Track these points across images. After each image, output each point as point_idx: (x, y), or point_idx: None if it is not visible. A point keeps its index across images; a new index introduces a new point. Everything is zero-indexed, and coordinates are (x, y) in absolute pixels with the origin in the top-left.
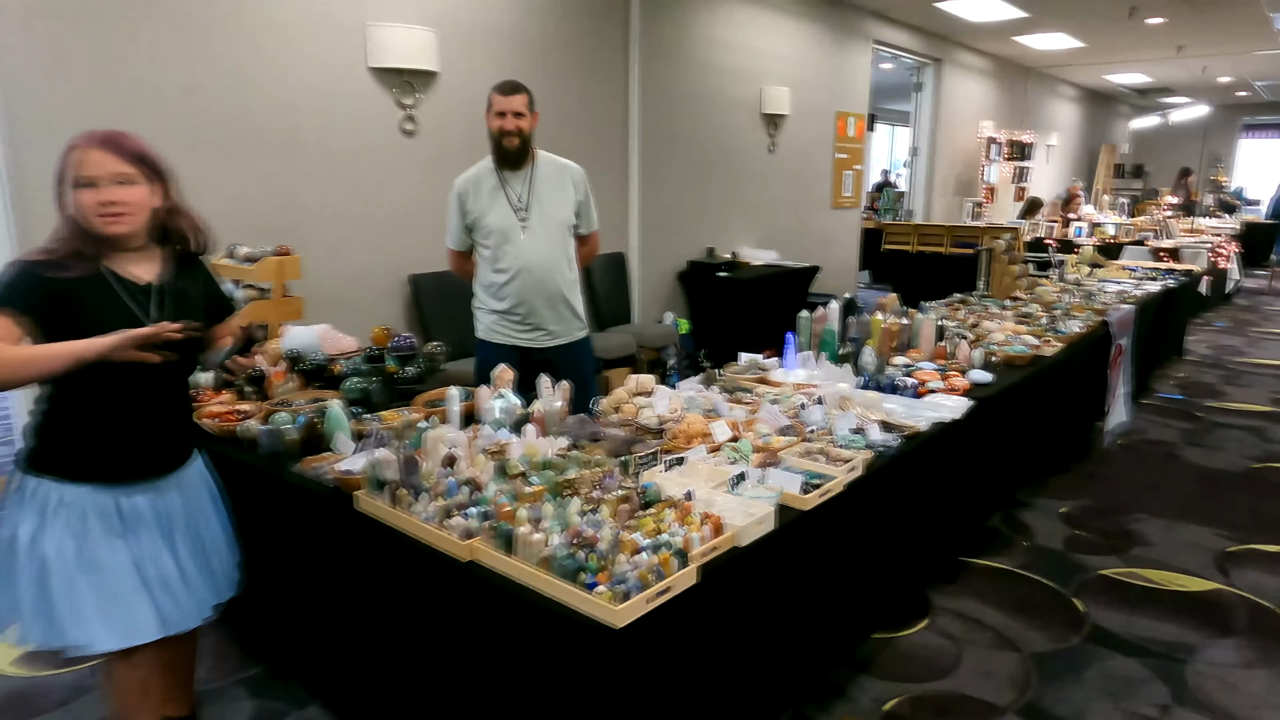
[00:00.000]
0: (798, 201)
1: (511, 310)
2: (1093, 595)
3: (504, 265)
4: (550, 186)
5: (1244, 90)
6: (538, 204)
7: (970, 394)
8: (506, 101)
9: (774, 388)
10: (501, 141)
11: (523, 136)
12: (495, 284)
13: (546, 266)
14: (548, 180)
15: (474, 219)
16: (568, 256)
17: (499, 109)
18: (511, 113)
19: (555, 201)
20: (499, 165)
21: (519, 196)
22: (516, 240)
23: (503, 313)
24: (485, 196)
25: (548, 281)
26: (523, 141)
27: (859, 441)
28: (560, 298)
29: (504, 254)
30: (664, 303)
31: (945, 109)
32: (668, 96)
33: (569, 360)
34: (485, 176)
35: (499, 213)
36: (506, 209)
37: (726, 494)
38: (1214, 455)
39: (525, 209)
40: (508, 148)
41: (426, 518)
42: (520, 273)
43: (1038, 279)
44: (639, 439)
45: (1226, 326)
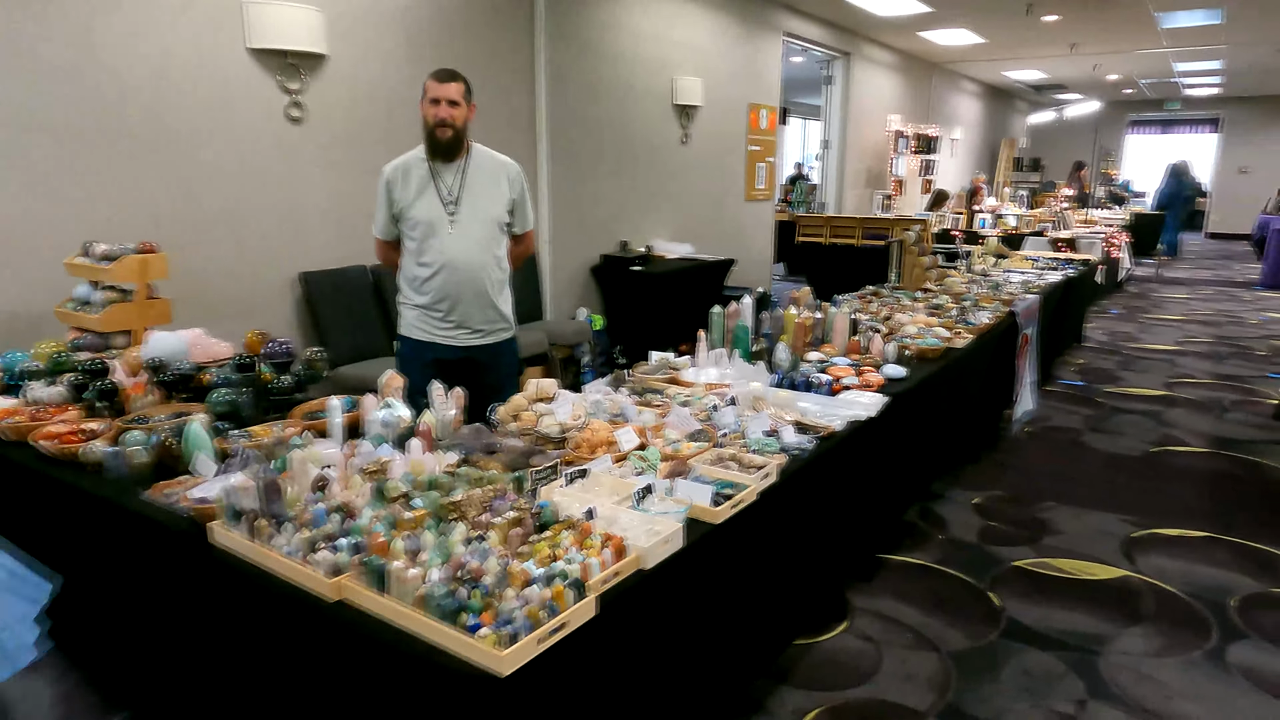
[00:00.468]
0: (712, 194)
1: (434, 306)
2: (1007, 588)
3: (428, 259)
4: (484, 181)
5: (1130, 88)
6: (469, 198)
7: (885, 390)
8: (441, 89)
9: (685, 388)
10: (435, 131)
11: (456, 127)
12: (418, 278)
13: (473, 264)
14: (481, 175)
15: (400, 208)
16: (496, 255)
17: (432, 96)
18: (446, 101)
19: (488, 197)
20: (431, 155)
21: (450, 189)
22: (443, 234)
23: (425, 308)
24: (414, 186)
25: (473, 279)
26: (456, 133)
27: (773, 445)
28: (485, 296)
29: (429, 247)
30: (577, 298)
31: (855, 103)
32: (577, 85)
33: (491, 360)
34: (416, 165)
35: (427, 204)
36: (435, 201)
37: (631, 510)
38: (1115, 440)
39: (455, 203)
40: (440, 138)
41: (289, 552)
42: (444, 268)
43: (946, 270)
44: (538, 450)
45: (1120, 314)
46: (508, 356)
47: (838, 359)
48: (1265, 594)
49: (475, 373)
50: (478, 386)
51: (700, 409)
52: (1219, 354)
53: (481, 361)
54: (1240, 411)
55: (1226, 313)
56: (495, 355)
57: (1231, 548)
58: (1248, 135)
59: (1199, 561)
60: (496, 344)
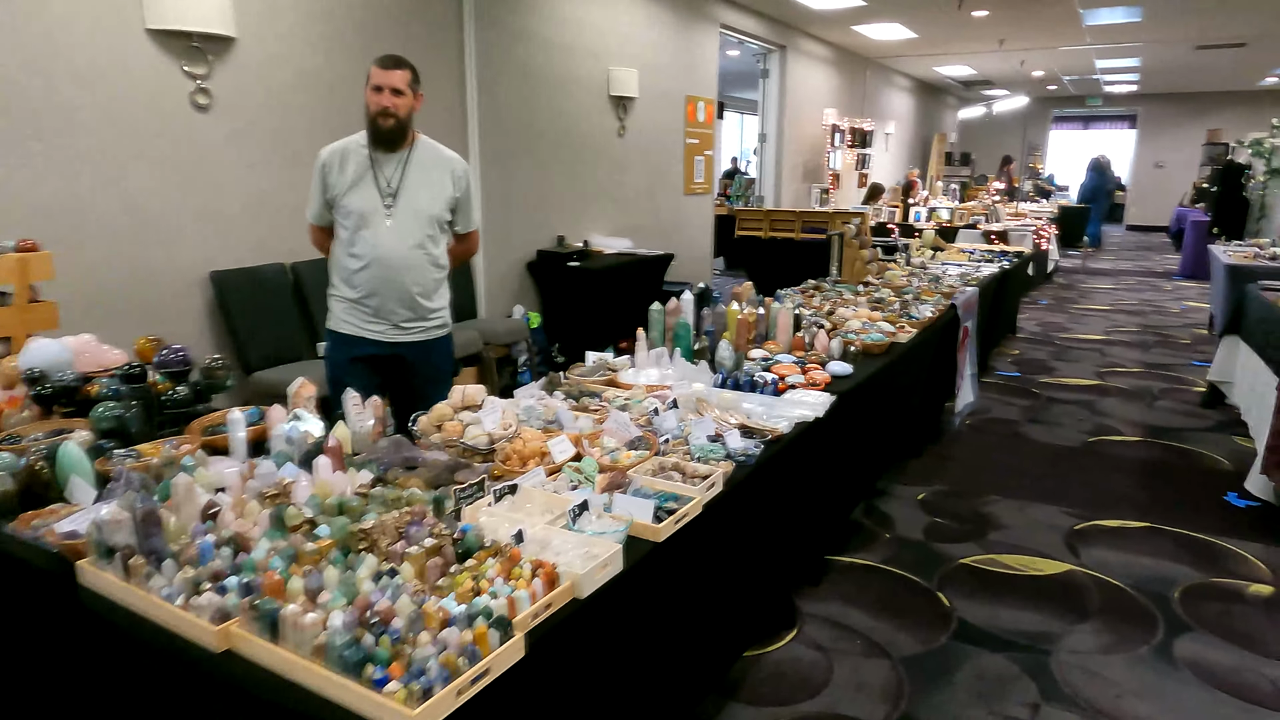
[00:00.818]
0: (650, 188)
1: (363, 300)
2: (956, 587)
3: (359, 251)
4: (426, 176)
5: (1054, 84)
6: (408, 192)
7: (831, 388)
8: (384, 76)
9: (624, 391)
10: (376, 120)
11: (399, 117)
12: (348, 269)
13: (404, 260)
14: (424, 169)
15: (334, 195)
16: (431, 253)
17: (375, 83)
18: (389, 89)
19: (429, 192)
20: (373, 144)
21: (389, 181)
22: (377, 226)
23: (354, 301)
24: (351, 173)
25: (403, 276)
26: (399, 122)
27: (718, 452)
28: (415, 295)
29: (360, 239)
30: (512, 295)
31: (791, 96)
32: (509, 75)
33: (422, 359)
34: (355, 152)
35: (363, 194)
36: (372, 191)
37: (566, 530)
38: (1053, 431)
39: (394, 195)
40: (381, 127)
41: (169, 594)
42: (374, 262)
43: (886, 263)
44: (464, 464)
45: (1050, 304)
46: (440, 356)
47: (782, 356)
48: (1205, 584)
49: (406, 371)
50: (409, 386)
51: (640, 413)
52: (1145, 343)
53: (411, 360)
54: (1169, 399)
55: (1150, 302)
56: (426, 354)
57: (1171, 538)
58: (1162, 131)
59: (1140, 553)
60: (428, 342)
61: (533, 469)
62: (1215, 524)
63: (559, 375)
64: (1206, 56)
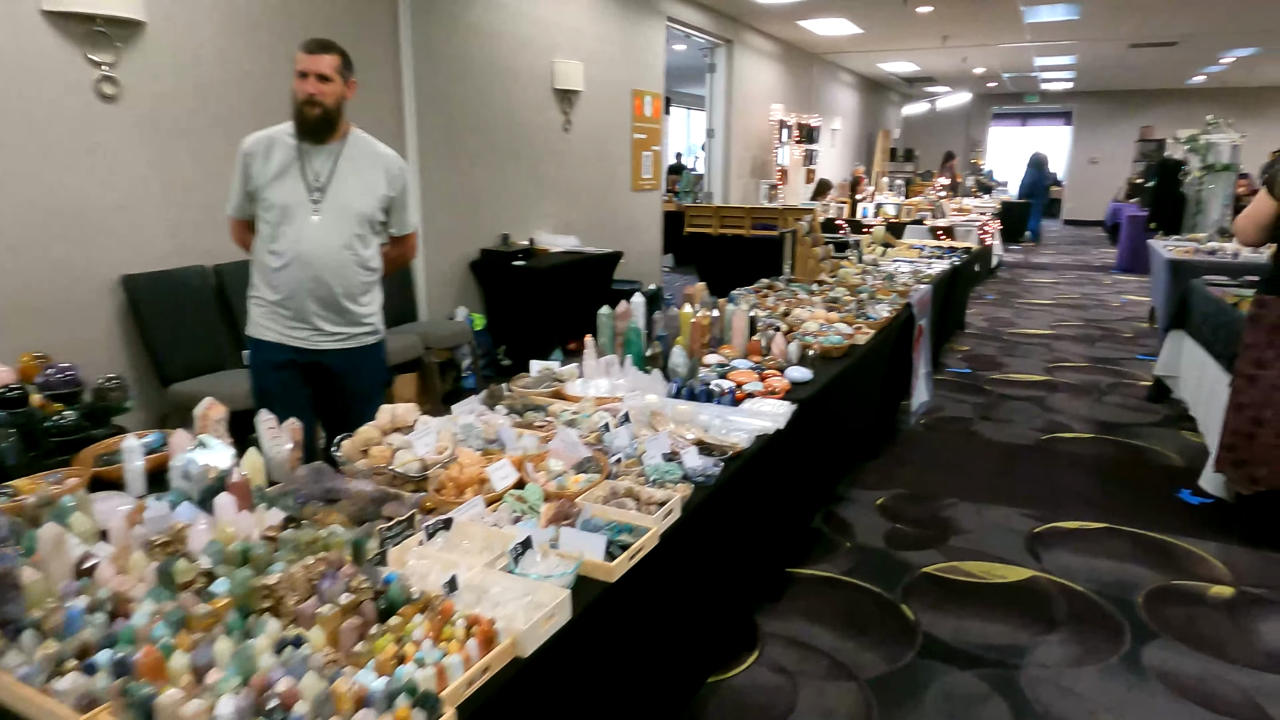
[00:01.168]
0: (597, 184)
1: (283, 302)
2: (919, 598)
3: (280, 247)
4: (359, 171)
5: (994, 81)
6: (338, 187)
7: (790, 395)
8: (310, 61)
9: (572, 404)
10: (302, 109)
11: (326, 106)
12: (269, 268)
13: (330, 261)
14: (357, 164)
15: (257, 186)
16: (360, 254)
17: (301, 69)
18: (315, 75)
19: (360, 189)
20: (300, 135)
21: (318, 175)
22: (302, 222)
23: (275, 304)
24: (276, 164)
25: (327, 278)
26: (326, 112)
27: (674, 472)
28: (339, 297)
29: (282, 234)
30: (455, 297)
31: (738, 91)
32: (449, 66)
33: (350, 368)
34: (281, 141)
35: (289, 187)
36: (299, 185)
37: (507, 573)
38: (1005, 429)
39: (321, 190)
40: (308, 116)
41: (26, 675)
42: (296, 260)
43: (839, 261)
44: (392, 495)
45: (996, 299)
46: (371, 365)
47: (738, 362)
48: (1167, 588)
49: (331, 382)
50: (337, 398)
51: (590, 429)
52: (1090, 337)
53: (337, 370)
54: (1116, 394)
55: (1091, 296)
56: (353, 364)
57: (1129, 538)
58: (1096, 128)
59: (1101, 555)
60: (355, 350)
61: (470, 499)
62: (1172, 523)
63: (501, 388)
64: (1139, 55)
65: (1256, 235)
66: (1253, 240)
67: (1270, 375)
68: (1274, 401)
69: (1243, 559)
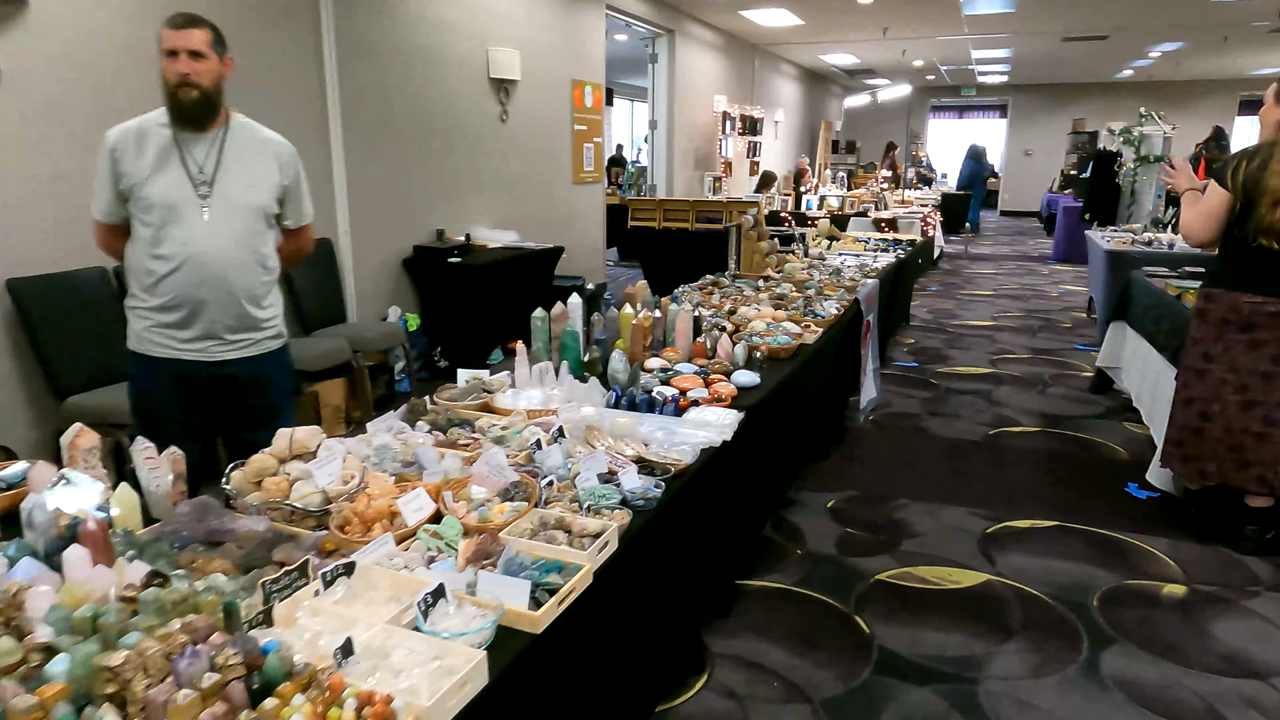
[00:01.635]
0: (537, 177)
1: (172, 309)
2: (873, 608)
3: (167, 251)
4: (247, 160)
5: (932, 74)
6: (226, 179)
7: (737, 402)
8: (179, 37)
9: (501, 418)
10: (176, 92)
11: (203, 87)
12: (153, 274)
13: (227, 259)
14: (245, 152)
15: (131, 184)
16: (259, 251)
17: (169, 46)
18: (186, 52)
19: (251, 180)
20: (176, 122)
21: (202, 166)
22: (190, 220)
23: (163, 314)
24: (151, 157)
25: (228, 278)
26: (204, 93)
27: (610, 496)
28: (240, 301)
29: (169, 236)
30: (387, 296)
31: (681, 82)
32: (376, 53)
33: (255, 378)
34: (155, 132)
35: (170, 182)
36: (182, 179)
37: (415, 631)
38: (954, 424)
39: (209, 183)
40: (184, 100)
41: None
42: (188, 263)
43: (785, 255)
44: (287, 536)
45: (939, 291)
46: (278, 373)
47: (683, 366)
48: (1121, 588)
49: (236, 395)
50: (242, 415)
51: (519, 447)
52: (1031, 328)
53: (244, 380)
54: (1060, 386)
55: (1030, 286)
56: (261, 371)
57: (1080, 537)
58: (1030, 120)
59: (1054, 555)
60: (261, 357)
61: (379, 536)
62: (1121, 519)
63: (423, 401)
64: (1071, 48)
65: (1210, 233)
66: (1205, 239)
67: (1218, 369)
68: (1222, 396)
69: (1193, 555)
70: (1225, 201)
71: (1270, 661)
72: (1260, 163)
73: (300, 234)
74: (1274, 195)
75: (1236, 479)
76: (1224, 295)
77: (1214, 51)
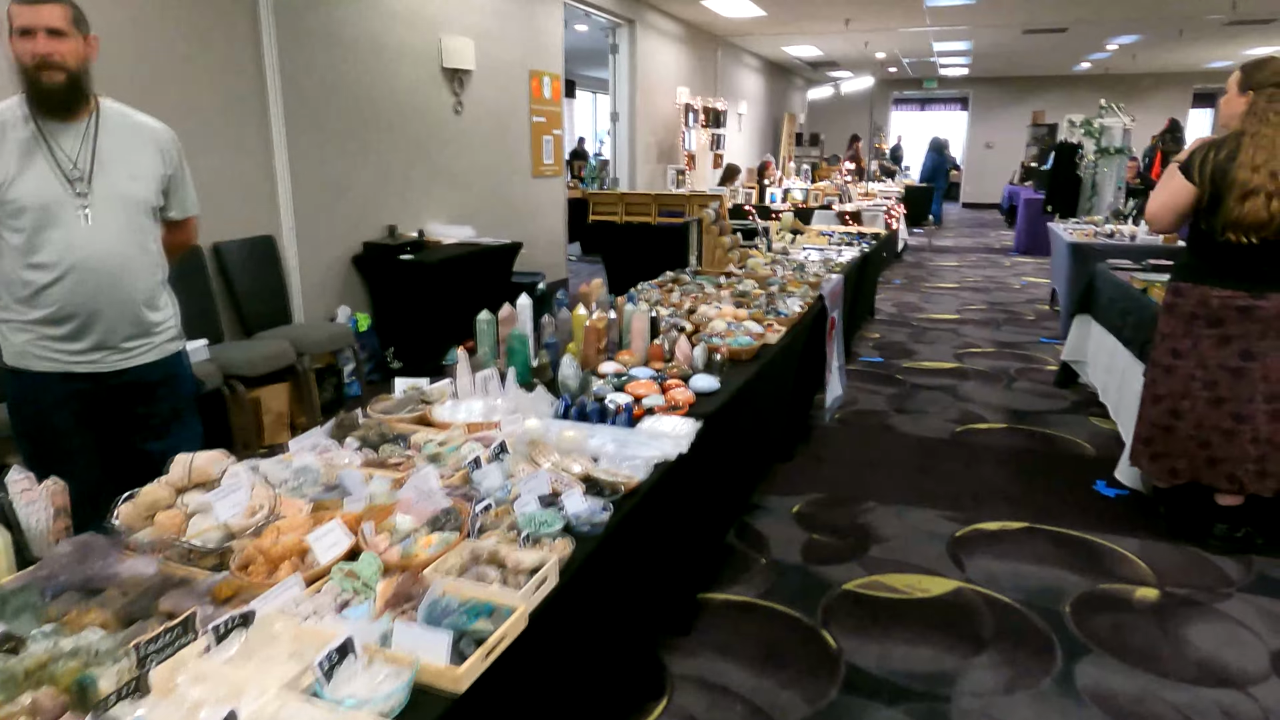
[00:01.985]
0: (494, 170)
1: (58, 321)
2: (841, 621)
3: (46, 259)
4: (124, 151)
5: (894, 66)
6: (104, 174)
7: (695, 409)
8: (32, 13)
9: (438, 432)
10: (39, 77)
11: (69, 69)
12: (31, 285)
13: (119, 264)
14: (119, 142)
15: None
16: (149, 250)
17: (21, 24)
18: (43, 30)
19: (132, 172)
20: (40, 112)
21: (74, 160)
22: (70, 224)
23: (47, 326)
24: (14, 155)
25: (120, 285)
26: (71, 76)
27: (552, 522)
28: (135, 306)
29: (47, 242)
30: (336, 295)
31: (642, 73)
32: (319, 41)
33: (156, 385)
34: (14, 126)
35: (38, 181)
36: (51, 176)
37: (310, 701)
38: (921, 421)
39: (85, 180)
40: (47, 85)
41: None
42: (74, 271)
43: (748, 250)
44: (176, 581)
45: (903, 284)
46: (179, 376)
47: (638, 370)
48: (1093, 593)
49: (135, 404)
50: (141, 422)
51: (455, 466)
52: (995, 321)
53: (142, 387)
54: (1025, 380)
55: (993, 279)
56: (161, 376)
57: (1050, 539)
58: (991, 113)
59: (1024, 559)
60: (161, 361)
61: (286, 578)
62: (1090, 519)
63: (354, 414)
64: (1031, 41)
65: (1173, 223)
66: (1168, 228)
67: (1187, 365)
68: (1191, 392)
69: (1163, 556)
70: (1189, 193)
71: (1246, 669)
72: (1227, 154)
73: (184, 227)
74: (1242, 188)
75: (1206, 477)
76: (1192, 289)
77: (1169, 44)
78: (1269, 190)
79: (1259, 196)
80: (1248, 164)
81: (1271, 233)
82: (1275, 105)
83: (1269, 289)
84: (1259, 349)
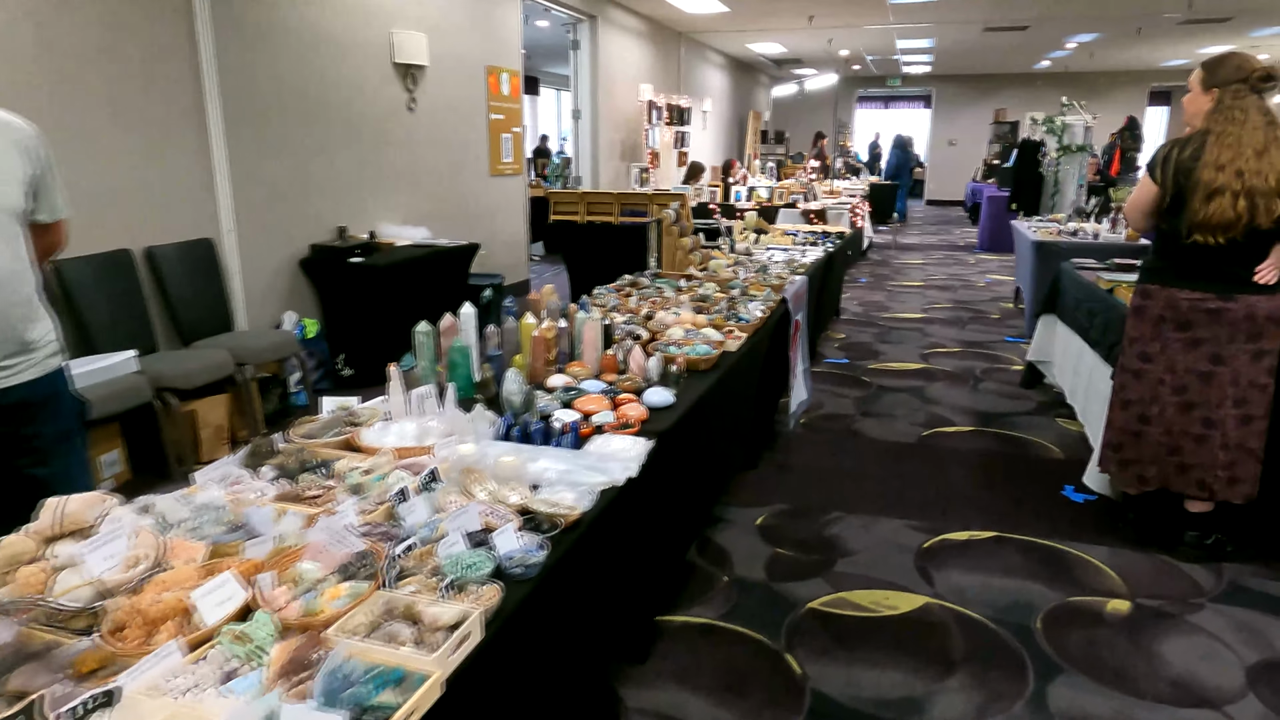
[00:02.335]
0: (450, 169)
1: None
2: (806, 644)
3: None
4: None
5: (858, 64)
6: None
7: (648, 426)
8: None
9: (364, 459)
10: None
11: None
12: None
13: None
14: None
15: None
16: (21, 259)
17: None
18: None
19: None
20: None
21: None
22: None
23: None
24: None
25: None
26: None
27: (480, 565)
28: (13, 325)
29: None
30: (281, 301)
31: (604, 70)
32: (259, 33)
33: (38, 405)
34: None
35: None
36: None
37: None
38: (887, 425)
39: None
40: None
41: None
42: None
43: (710, 251)
44: (35, 651)
45: (869, 282)
46: (62, 394)
47: (589, 383)
48: (1063, 606)
49: (15, 427)
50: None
51: (379, 498)
52: (960, 319)
53: (23, 409)
54: (992, 381)
55: (957, 276)
56: (42, 395)
57: (1019, 548)
58: (954, 110)
59: (994, 571)
60: (43, 379)
61: (164, 644)
62: (1060, 526)
63: (273, 439)
64: (993, 39)
65: (1144, 222)
66: (1142, 227)
67: (1156, 370)
68: (1160, 397)
69: (1134, 565)
70: (1152, 193)
71: (1221, 685)
72: (1192, 153)
73: (53, 230)
74: (1207, 188)
75: (1176, 484)
76: (1160, 291)
77: (1127, 43)
78: (1234, 189)
79: (1224, 196)
80: (1212, 163)
81: (1239, 233)
82: (1240, 103)
83: (1237, 290)
84: (1228, 352)
